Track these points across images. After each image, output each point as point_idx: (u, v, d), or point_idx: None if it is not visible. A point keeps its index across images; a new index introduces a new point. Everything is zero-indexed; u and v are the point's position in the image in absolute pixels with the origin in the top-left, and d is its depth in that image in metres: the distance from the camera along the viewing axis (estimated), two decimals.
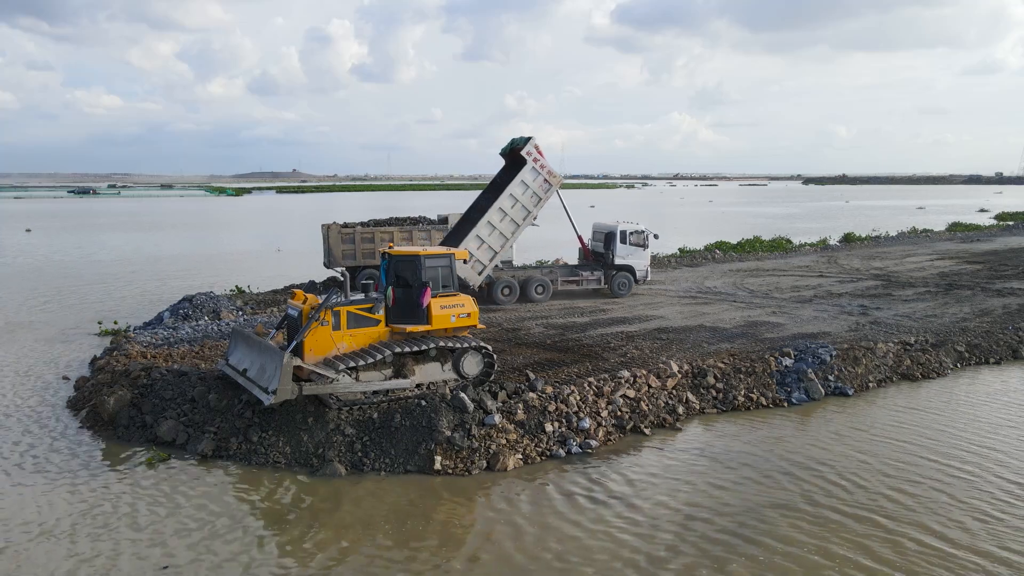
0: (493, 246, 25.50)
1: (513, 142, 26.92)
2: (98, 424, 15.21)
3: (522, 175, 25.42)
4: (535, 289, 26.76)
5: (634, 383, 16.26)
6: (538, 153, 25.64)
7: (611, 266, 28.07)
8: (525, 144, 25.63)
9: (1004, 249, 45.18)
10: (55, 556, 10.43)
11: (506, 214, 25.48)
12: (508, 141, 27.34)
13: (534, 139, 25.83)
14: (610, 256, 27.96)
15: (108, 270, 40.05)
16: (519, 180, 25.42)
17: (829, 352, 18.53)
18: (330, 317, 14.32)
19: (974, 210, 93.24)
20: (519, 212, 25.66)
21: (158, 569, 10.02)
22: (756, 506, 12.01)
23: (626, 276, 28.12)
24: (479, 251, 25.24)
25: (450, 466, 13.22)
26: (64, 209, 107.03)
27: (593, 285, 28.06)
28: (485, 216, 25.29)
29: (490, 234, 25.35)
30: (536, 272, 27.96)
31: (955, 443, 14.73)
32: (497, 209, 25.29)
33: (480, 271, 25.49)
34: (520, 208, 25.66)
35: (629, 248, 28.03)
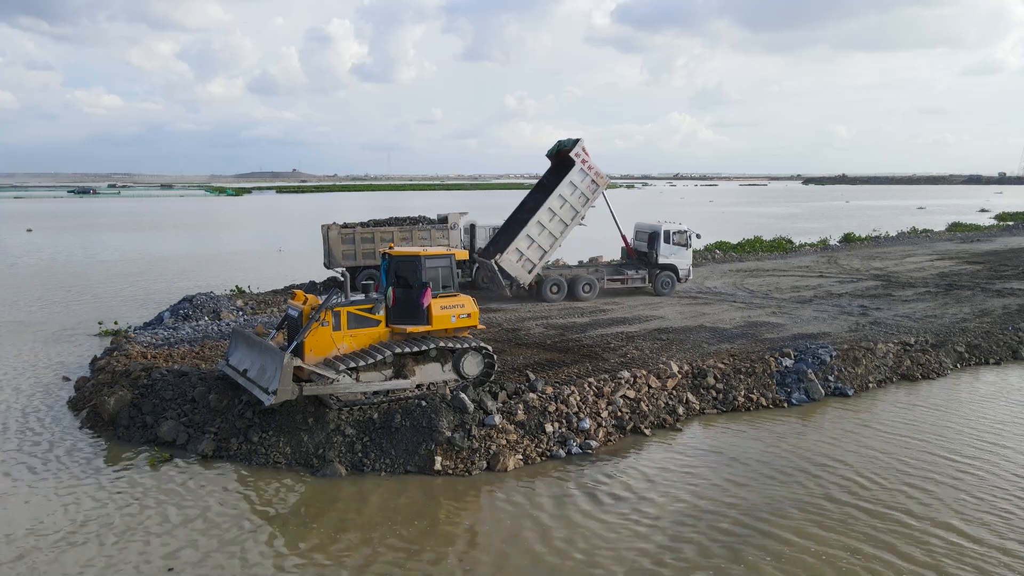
0: (543, 245, 26.19)
1: (560, 144, 27.66)
2: (98, 424, 15.22)
3: (571, 176, 26.13)
4: (582, 288, 27.24)
5: (634, 384, 16.26)
6: (585, 155, 26.33)
7: (655, 265, 28.52)
8: (573, 146, 26.33)
9: (1004, 249, 45.19)
10: (57, 557, 10.43)
11: (555, 214, 26.14)
12: (554, 143, 28.04)
13: (582, 141, 26.50)
14: (654, 255, 28.41)
15: (109, 270, 40.07)
16: (568, 181, 26.12)
17: (829, 352, 18.54)
18: (330, 317, 14.32)
19: (974, 210, 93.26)
20: (568, 212, 26.32)
21: (164, 571, 10.01)
22: (766, 504, 12.07)
23: (669, 275, 28.57)
24: (529, 250, 25.94)
25: (450, 466, 13.23)
26: (64, 209, 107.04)
27: (638, 284, 28.53)
28: (535, 216, 25.91)
29: (540, 233, 26.02)
30: (583, 271, 28.54)
31: (962, 440, 14.89)
32: (547, 209, 25.96)
33: (530, 269, 26.20)
34: (568, 208, 26.33)
35: (672, 247, 28.51)
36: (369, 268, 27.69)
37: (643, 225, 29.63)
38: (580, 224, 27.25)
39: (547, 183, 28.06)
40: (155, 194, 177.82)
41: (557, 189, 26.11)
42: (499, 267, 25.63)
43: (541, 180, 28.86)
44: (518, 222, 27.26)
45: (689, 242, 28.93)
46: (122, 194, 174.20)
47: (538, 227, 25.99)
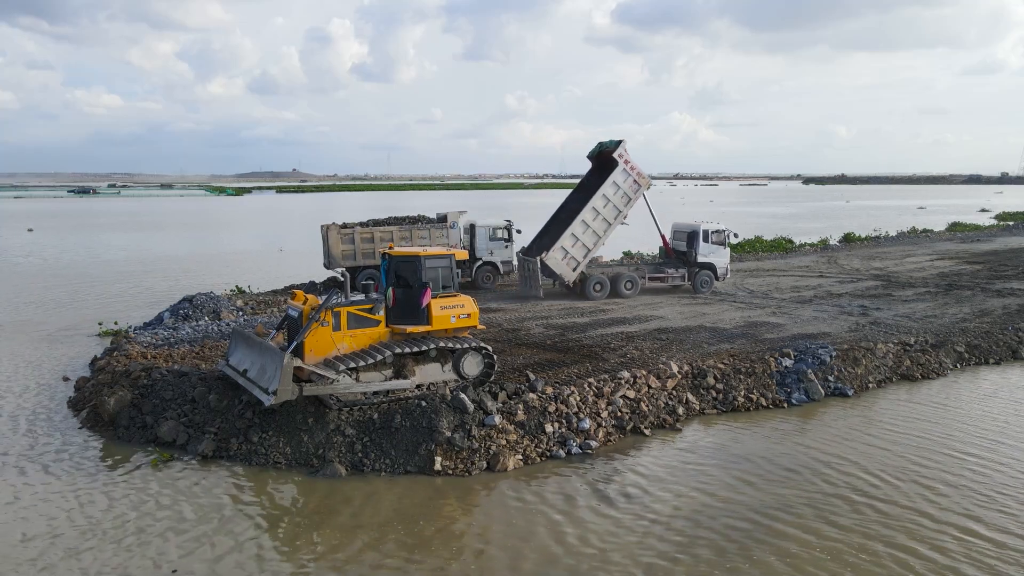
0: (587, 243, 26.85)
1: (601, 145, 28.49)
2: (98, 424, 15.22)
3: (614, 176, 26.75)
4: (624, 285, 27.77)
5: (634, 384, 16.27)
6: (628, 156, 26.96)
7: (694, 264, 28.94)
8: (616, 147, 26.98)
9: (1004, 249, 45.18)
10: (60, 558, 10.44)
11: (599, 213, 26.82)
12: (595, 144, 28.87)
13: (625, 142, 27.12)
14: (693, 254, 28.85)
15: (109, 270, 40.06)
16: (611, 181, 26.75)
17: (829, 353, 18.54)
18: (330, 318, 14.33)
19: (975, 210, 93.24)
20: (611, 211, 27.01)
21: (168, 573, 10.01)
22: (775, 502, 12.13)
23: (708, 274, 28.99)
24: (574, 248, 26.61)
25: (450, 467, 13.23)
26: (65, 209, 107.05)
27: (677, 282, 29.03)
28: (579, 215, 26.59)
29: (584, 232, 26.70)
30: (624, 269, 29.24)
31: (968, 438, 14.94)
32: (590, 209, 26.62)
33: (574, 267, 26.85)
34: (612, 208, 27.01)
35: (711, 247, 28.96)
36: (369, 268, 27.70)
37: (682, 225, 30.21)
38: (623, 223, 27.89)
39: (588, 183, 28.90)
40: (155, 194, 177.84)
41: (601, 189, 26.70)
42: (544, 265, 26.25)
43: (583, 180, 29.69)
44: (560, 221, 28.04)
45: (727, 241, 29.45)
46: (122, 194, 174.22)
47: (582, 226, 26.66)
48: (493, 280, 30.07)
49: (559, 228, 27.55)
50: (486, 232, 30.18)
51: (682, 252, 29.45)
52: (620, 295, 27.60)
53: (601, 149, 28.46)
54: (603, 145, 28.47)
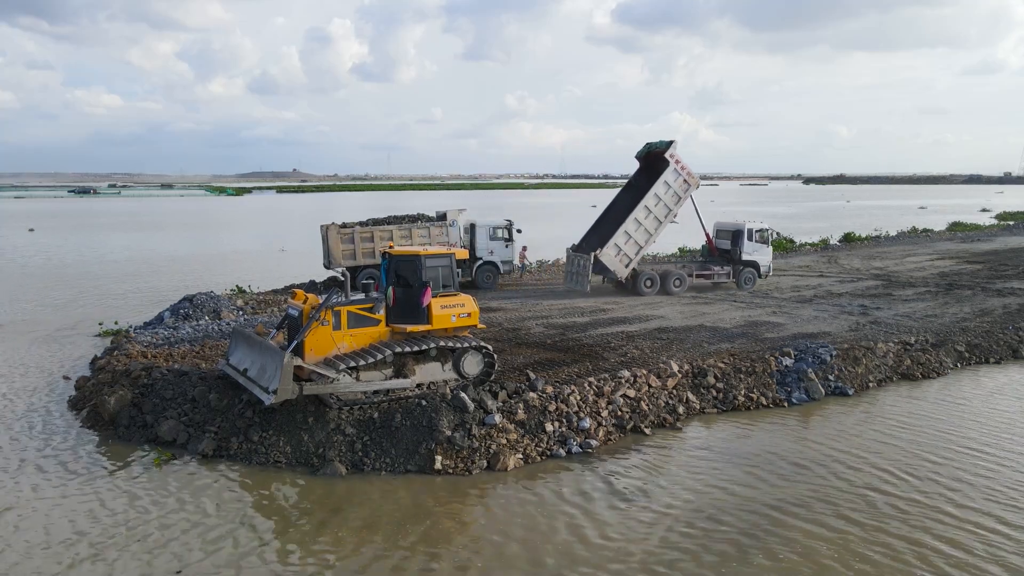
0: (639, 241, 27.64)
1: (649, 145, 29.32)
2: (98, 424, 15.22)
3: (665, 176, 27.46)
4: (673, 282, 28.44)
5: (634, 383, 16.27)
6: (678, 156, 27.68)
7: (738, 261, 29.65)
8: (667, 147, 27.71)
9: (1004, 249, 45.18)
10: (63, 557, 10.44)
11: (650, 212, 27.54)
12: (643, 145, 29.77)
13: (676, 143, 27.83)
14: (738, 252, 29.59)
15: (110, 270, 40.08)
16: (662, 180, 27.46)
17: (829, 352, 18.54)
18: (330, 317, 14.34)
19: (976, 210, 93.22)
20: (662, 210, 27.76)
21: (171, 573, 9.99)
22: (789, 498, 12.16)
23: (751, 271, 29.77)
24: (626, 246, 27.40)
25: (450, 466, 13.23)
26: (65, 209, 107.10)
27: (723, 279, 29.67)
28: (632, 214, 27.32)
29: (636, 230, 27.43)
30: (673, 266, 29.93)
31: (977, 434, 15.03)
32: (642, 207, 27.35)
33: (627, 264, 27.67)
34: (663, 206, 27.75)
35: (755, 245, 29.75)
36: (369, 268, 27.69)
37: (725, 224, 31.06)
38: (673, 222, 28.66)
39: (636, 183, 29.93)
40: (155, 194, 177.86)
41: (652, 188, 27.41)
42: (598, 261, 27.04)
43: (630, 180, 30.68)
44: (609, 220, 29.06)
45: (769, 239, 30.36)
46: (122, 194, 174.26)
47: (635, 224, 27.37)
48: (493, 279, 30.07)
49: (609, 226, 28.39)
50: (486, 231, 30.17)
51: (726, 250, 30.19)
52: (668, 292, 28.30)
53: (650, 149, 29.19)
54: (651, 145, 29.20)
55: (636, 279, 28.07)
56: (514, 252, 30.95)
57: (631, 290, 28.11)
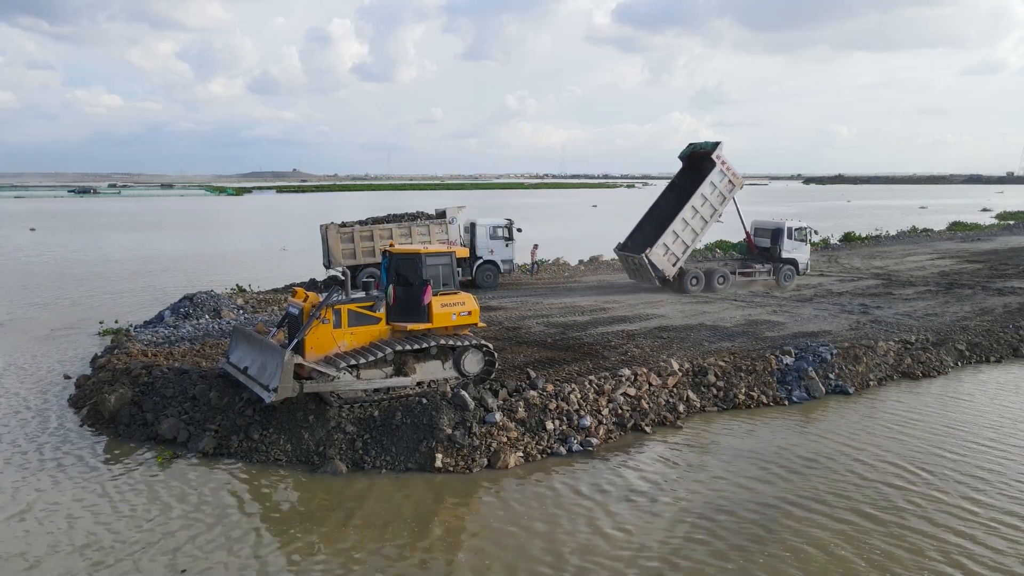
0: (686, 240, 28.34)
1: (692, 146, 30.15)
2: (99, 422, 15.21)
3: (711, 177, 28.11)
4: (717, 280, 29.03)
5: (635, 381, 16.26)
6: (724, 157, 28.37)
7: (778, 259, 30.26)
8: (713, 149, 28.38)
9: (1004, 248, 45.19)
10: (66, 557, 10.44)
11: (697, 211, 28.19)
12: (686, 146, 30.54)
13: (722, 145, 28.46)
14: (778, 250, 30.28)
15: (110, 269, 40.06)
16: (708, 181, 28.08)
17: (830, 351, 18.54)
18: (331, 315, 14.34)
19: (976, 209, 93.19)
20: (707, 209, 28.41)
21: (177, 573, 9.98)
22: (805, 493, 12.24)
23: (790, 268, 30.35)
24: (674, 245, 28.06)
25: (451, 464, 13.23)
26: (65, 209, 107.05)
27: (763, 277, 30.14)
28: (680, 213, 27.94)
29: (683, 230, 28.11)
30: (716, 265, 30.82)
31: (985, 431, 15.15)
32: (690, 207, 28.01)
33: (674, 263, 28.29)
34: (708, 206, 28.41)
35: (794, 243, 30.47)
36: (369, 267, 27.67)
37: (765, 223, 31.83)
38: (718, 221, 29.30)
39: (679, 183, 30.55)
40: (155, 194, 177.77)
41: (699, 188, 27.97)
42: (649, 261, 27.68)
43: (673, 180, 31.26)
44: (653, 219, 29.88)
45: (808, 237, 31.09)
46: (122, 194, 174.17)
47: (682, 223, 28.01)
48: (494, 279, 30.04)
49: (653, 226, 29.20)
50: (487, 230, 30.13)
51: (765, 248, 30.86)
52: (713, 289, 28.78)
53: (693, 150, 29.92)
54: (695, 146, 29.95)
55: (682, 277, 28.56)
56: (514, 251, 30.88)
57: (677, 288, 28.52)
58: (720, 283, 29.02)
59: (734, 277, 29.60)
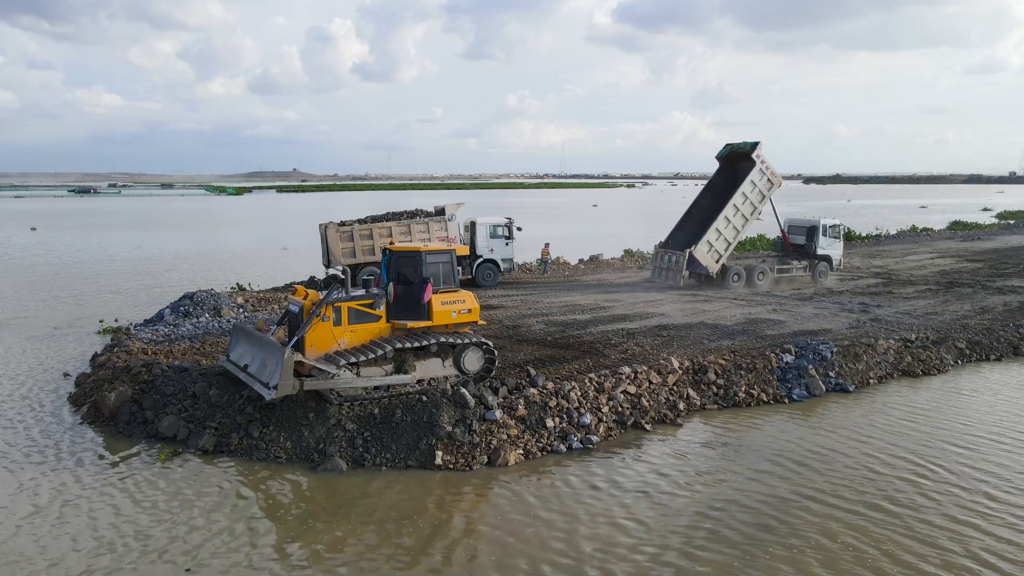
0: (728, 238, 29.02)
1: (730, 147, 30.99)
2: (99, 420, 15.21)
3: (751, 175, 28.88)
4: (757, 276, 29.67)
5: (635, 379, 16.26)
6: (764, 156, 29.16)
7: (813, 256, 31.09)
8: (753, 149, 29.18)
9: (1005, 248, 45.17)
10: (66, 556, 10.44)
11: (738, 209, 28.91)
12: (724, 146, 31.34)
13: (761, 144, 29.24)
14: (813, 247, 31.10)
15: (111, 268, 40.06)
16: (749, 180, 28.84)
17: (830, 349, 18.54)
18: (331, 313, 14.34)
19: (977, 209, 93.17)
20: (748, 208, 29.16)
21: (182, 571, 9.97)
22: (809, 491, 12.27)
23: (825, 265, 31.18)
24: (717, 242, 28.77)
25: (451, 461, 13.23)
26: (66, 208, 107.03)
27: (800, 273, 30.78)
28: (722, 212, 28.67)
29: (725, 227, 28.85)
30: (755, 261, 31.61)
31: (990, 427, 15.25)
32: (731, 205, 28.74)
33: (717, 259, 29.00)
34: (749, 204, 29.13)
35: (829, 240, 31.32)
36: (369, 265, 27.66)
37: (799, 220, 32.90)
38: (758, 219, 30.24)
39: (718, 182, 31.37)
40: (155, 193, 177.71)
41: (740, 187, 28.74)
42: (693, 257, 28.41)
43: (711, 180, 32.11)
44: (693, 218, 30.81)
45: (841, 234, 31.88)
46: (123, 193, 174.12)
47: (724, 221, 28.71)
48: (494, 277, 30.04)
49: (693, 224, 30.18)
50: (487, 229, 30.12)
51: (799, 245, 31.67)
52: (753, 285, 29.37)
53: (732, 150, 30.67)
54: (733, 147, 30.69)
55: (725, 274, 29.20)
56: (514, 250, 30.88)
57: (718, 285, 29.05)
58: (760, 279, 29.61)
59: (773, 274, 30.09)
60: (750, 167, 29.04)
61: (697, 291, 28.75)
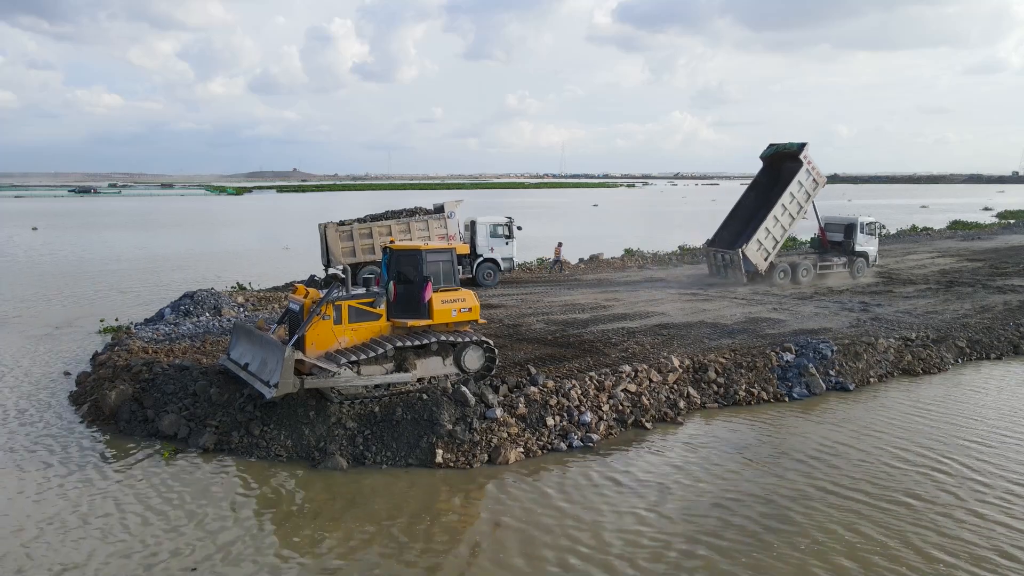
0: (775, 236, 29.88)
1: (775, 147, 31.79)
2: (99, 418, 15.22)
3: (799, 176, 29.71)
4: (801, 273, 30.50)
5: (635, 378, 16.27)
6: (810, 157, 30.06)
7: (851, 252, 32.00)
8: (801, 149, 30.04)
9: (1005, 247, 45.13)
10: (70, 556, 10.45)
11: (786, 209, 29.80)
12: (768, 146, 32.20)
13: (808, 144, 30.10)
14: (851, 244, 32.04)
15: (111, 267, 40.06)
16: (796, 180, 29.70)
17: (830, 347, 18.55)
18: (331, 311, 14.35)
19: (978, 208, 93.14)
20: (795, 207, 30.04)
21: (187, 571, 9.97)
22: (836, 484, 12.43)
23: (863, 261, 32.13)
24: (766, 240, 29.64)
25: (451, 459, 13.24)
26: (66, 208, 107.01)
27: (839, 269, 31.66)
28: (771, 211, 29.54)
29: (774, 226, 29.70)
30: (798, 258, 32.10)
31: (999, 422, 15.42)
32: (780, 205, 29.63)
33: (766, 257, 29.82)
34: (796, 203, 30.01)
35: (866, 237, 32.25)
36: (370, 264, 27.65)
37: (836, 218, 33.93)
38: (804, 218, 31.11)
39: (762, 182, 32.18)
40: (156, 193, 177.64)
41: (788, 187, 29.57)
42: (744, 256, 29.25)
43: (756, 179, 32.87)
44: (738, 217, 31.64)
45: (877, 232, 33.00)
46: (123, 193, 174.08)
47: (773, 220, 29.58)
48: (494, 277, 30.04)
49: (738, 223, 31.17)
50: (487, 228, 30.11)
51: (836, 242, 32.57)
52: (797, 282, 30.12)
53: (776, 150, 31.52)
54: (778, 147, 31.50)
55: (772, 271, 29.98)
56: (515, 249, 30.87)
57: (766, 281, 29.81)
58: (804, 276, 30.39)
59: (815, 270, 30.85)
60: (795, 167, 29.80)
61: (697, 291, 28.78)
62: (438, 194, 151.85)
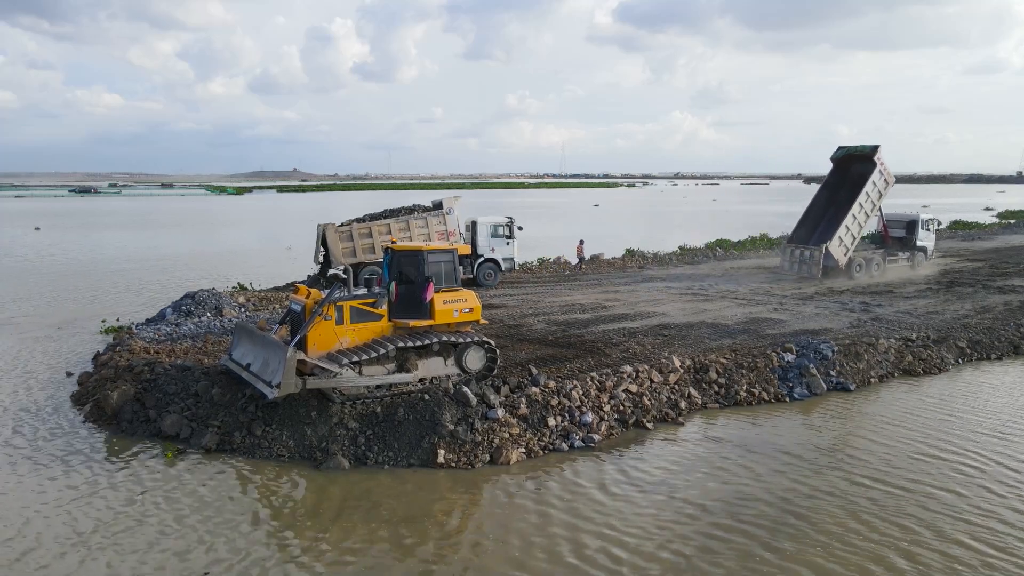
0: (853, 232, 31.95)
1: (846, 149, 34.06)
2: (101, 419, 15.23)
3: (873, 176, 31.87)
4: (874, 266, 32.75)
5: (636, 378, 16.29)
6: (883, 158, 32.03)
7: (913, 247, 34.67)
8: (875, 151, 32.08)
9: (1005, 247, 45.17)
10: (76, 556, 10.47)
11: (862, 207, 31.86)
12: (838, 148, 34.42)
13: (880, 147, 32.10)
14: (913, 240, 34.76)
15: (112, 268, 40.07)
16: (871, 181, 31.85)
17: (831, 348, 18.56)
18: (333, 312, 14.37)
19: (979, 208, 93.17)
20: (869, 205, 32.19)
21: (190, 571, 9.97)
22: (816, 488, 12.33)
23: (923, 255, 34.93)
24: (846, 237, 31.55)
25: (453, 460, 13.26)
26: (67, 208, 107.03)
27: (903, 263, 34.11)
28: (850, 210, 31.48)
29: (852, 223, 31.67)
30: (869, 253, 33.72)
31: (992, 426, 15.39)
32: (858, 204, 31.69)
33: (845, 252, 31.74)
34: (870, 203, 32.14)
35: (926, 232, 35.06)
36: (370, 264, 27.67)
37: (896, 215, 36.42)
38: (877, 215, 33.42)
39: (833, 182, 34.47)
40: (156, 193, 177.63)
41: (865, 187, 31.66)
42: (828, 252, 31.01)
43: (827, 180, 35.14)
44: (813, 215, 33.89)
45: (934, 228, 35.56)
46: (123, 193, 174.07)
47: (851, 218, 31.54)
48: (495, 277, 30.05)
49: (811, 221, 33.60)
50: (488, 229, 30.12)
51: (898, 238, 35.09)
52: (870, 275, 32.22)
53: (846, 152, 33.70)
54: (848, 149, 33.76)
55: (849, 265, 31.87)
56: (515, 249, 30.86)
57: (845, 275, 31.61)
58: (876, 270, 32.52)
59: (885, 264, 33.02)
60: (868, 168, 31.84)
61: (698, 290, 28.80)
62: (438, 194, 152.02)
